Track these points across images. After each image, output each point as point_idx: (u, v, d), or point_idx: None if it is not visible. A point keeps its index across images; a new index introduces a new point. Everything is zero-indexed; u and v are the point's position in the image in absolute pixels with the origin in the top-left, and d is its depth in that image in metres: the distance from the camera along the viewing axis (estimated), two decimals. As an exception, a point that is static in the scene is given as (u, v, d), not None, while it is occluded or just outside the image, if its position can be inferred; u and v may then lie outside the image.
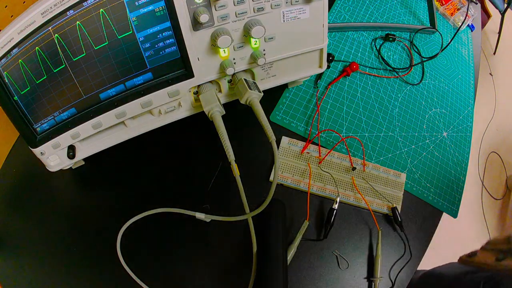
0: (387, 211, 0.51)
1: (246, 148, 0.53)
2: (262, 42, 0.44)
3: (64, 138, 0.43)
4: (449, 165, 0.58)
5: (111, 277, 0.45)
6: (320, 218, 0.50)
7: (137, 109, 0.43)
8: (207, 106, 0.44)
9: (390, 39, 0.68)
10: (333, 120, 0.57)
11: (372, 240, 0.50)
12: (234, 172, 0.41)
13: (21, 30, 0.34)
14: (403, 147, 0.57)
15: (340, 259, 0.48)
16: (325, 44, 0.49)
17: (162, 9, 0.37)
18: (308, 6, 0.43)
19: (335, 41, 0.65)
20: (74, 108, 0.41)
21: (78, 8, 0.34)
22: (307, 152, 0.53)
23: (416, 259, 0.49)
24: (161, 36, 0.39)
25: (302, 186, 0.51)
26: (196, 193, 0.50)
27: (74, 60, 0.37)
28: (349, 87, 0.61)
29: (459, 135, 0.62)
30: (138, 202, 0.48)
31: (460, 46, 0.75)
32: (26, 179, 0.52)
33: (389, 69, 0.65)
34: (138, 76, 0.41)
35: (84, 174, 0.52)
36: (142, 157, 0.53)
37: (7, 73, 0.37)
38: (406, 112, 0.61)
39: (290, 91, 0.58)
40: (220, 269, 0.46)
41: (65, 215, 0.49)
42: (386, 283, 0.48)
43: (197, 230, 0.48)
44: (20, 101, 0.39)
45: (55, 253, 0.46)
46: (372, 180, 0.52)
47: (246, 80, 0.46)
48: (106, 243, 0.45)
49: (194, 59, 0.42)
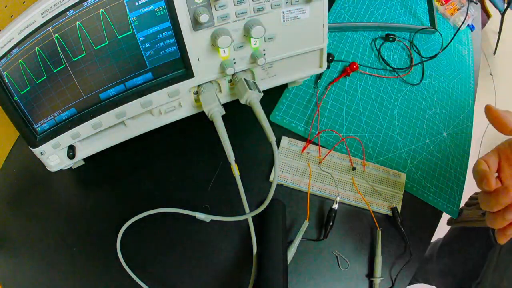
0: (387, 211, 0.51)
1: (246, 148, 0.53)
2: (262, 42, 0.44)
3: (64, 138, 0.42)
4: (449, 165, 0.58)
5: (111, 277, 0.45)
6: (320, 218, 0.50)
7: (137, 109, 0.43)
8: (207, 106, 0.44)
9: (390, 39, 0.68)
10: (333, 120, 0.57)
11: (372, 240, 0.50)
12: (234, 172, 0.41)
13: (21, 30, 0.34)
14: (403, 147, 0.57)
15: (340, 259, 0.48)
16: (325, 44, 0.49)
17: (162, 9, 0.37)
18: (308, 6, 0.43)
19: (335, 41, 0.65)
20: (74, 108, 0.41)
21: (78, 8, 0.34)
22: (307, 152, 0.53)
23: (416, 259, 0.49)
24: (161, 36, 0.39)
25: (302, 186, 0.51)
26: (196, 193, 0.50)
27: (74, 60, 0.37)
28: (349, 87, 0.61)
29: (459, 135, 0.62)
30: (138, 202, 0.48)
31: (460, 46, 0.75)
32: (26, 179, 0.52)
33: (389, 69, 0.65)
34: (138, 76, 0.41)
35: (84, 174, 0.52)
36: (142, 157, 0.53)
37: (7, 73, 0.37)
38: (406, 112, 0.61)
39: (290, 91, 0.58)
40: (220, 269, 0.46)
41: (65, 215, 0.49)
42: (386, 283, 0.48)
43: (197, 230, 0.48)
44: (20, 101, 0.39)
45: (55, 253, 0.46)
46: (372, 180, 0.52)
47: (246, 80, 0.46)
48: (106, 243, 0.45)
49: (194, 59, 0.42)
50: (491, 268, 0.52)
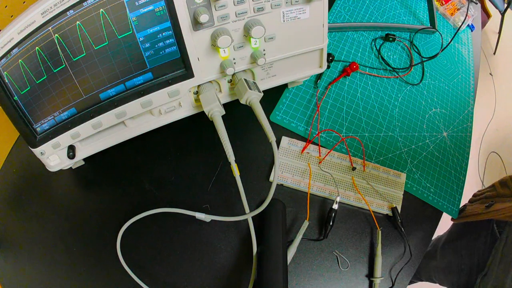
0: (387, 211, 0.51)
1: (246, 148, 0.53)
2: (262, 42, 0.44)
3: (64, 138, 0.42)
4: (449, 165, 0.58)
5: (111, 277, 0.45)
6: (320, 218, 0.50)
7: (137, 109, 0.43)
8: (207, 106, 0.44)
9: (390, 39, 0.68)
10: (333, 120, 0.57)
11: (372, 240, 0.50)
12: (234, 172, 0.41)
13: (21, 30, 0.34)
14: (403, 147, 0.57)
15: (340, 259, 0.48)
16: (325, 44, 0.49)
17: (162, 9, 0.37)
18: (308, 6, 0.43)
19: (335, 41, 0.65)
20: (74, 108, 0.41)
21: (78, 8, 0.34)
22: (307, 152, 0.53)
23: (416, 259, 0.49)
24: (161, 36, 0.39)
25: (302, 186, 0.51)
26: (196, 193, 0.50)
27: (74, 60, 0.37)
28: (349, 87, 0.61)
29: (459, 135, 0.62)
30: (138, 202, 0.48)
31: (460, 46, 0.75)
32: (26, 179, 0.52)
33: (389, 69, 0.65)
34: (138, 76, 0.41)
35: (84, 174, 0.52)
36: (142, 157, 0.53)
37: (7, 73, 0.37)
38: (406, 112, 0.61)
39: (290, 91, 0.58)
40: (220, 269, 0.46)
41: (65, 215, 0.49)
42: (386, 283, 0.48)
43: (197, 230, 0.48)
44: (20, 101, 0.39)
45: (55, 253, 0.46)
46: (372, 180, 0.52)
47: (246, 80, 0.46)
48: (106, 243, 0.45)
49: (194, 59, 0.42)
50: (497, 260, 0.52)
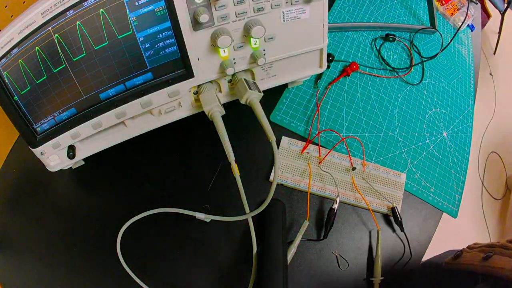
0: (387, 211, 0.51)
1: (246, 148, 0.53)
2: (262, 42, 0.44)
3: (64, 138, 0.42)
4: (449, 165, 0.58)
5: (111, 277, 0.45)
6: (320, 218, 0.50)
7: (137, 109, 0.43)
8: (207, 106, 0.44)
9: (390, 39, 0.68)
10: (333, 120, 0.57)
11: (372, 240, 0.50)
12: (234, 172, 0.41)
13: (21, 30, 0.34)
14: (403, 147, 0.57)
15: (340, 259, 0.48)
16: (325, 44, 0.49)
17: (162, 9, 0.37)
18: (308, 6, 0.43)
19: (335, 41, 0.65)
20: (74, 108, 0.41)
21: (78, 8, 0.34)
22: (307, 152, 0.53)
23: (416, 259, 0.49)
24: (161, 36, 0.39)
25: (302, 186, 0.51)
26: (196, 193, 0.50)
27: (74, 60, 0.37)
28: (349, 87, 0.61)
29: (459, 135, 0.62)
30: (138, 202, 0.48)
31: (460, 46, 0.75)
32: (26, 179, 0.52)
33: (389, 69, 0.65)
34: (138, 76, 0.41)
35: (84, 174, 0.52)
36: (142, 157, 0.53)
37: (7, 73, 0.37)
38: (406, 112, 0.61)
39: (290, 91, 0.58)
40: (220, 269, 0.46)
41: (65, 215, 0.49)
42: (386, 283, 0.48)
43: (197, 230, 0.48)
44: (20, 101, 0.39)
45: (55, 253, 0.47)
46: (372, 180, 0.52)
47: (246, 80, 0.46)
48: (106, 243, 0.45)
49: (194, 59, 0.42)
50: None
